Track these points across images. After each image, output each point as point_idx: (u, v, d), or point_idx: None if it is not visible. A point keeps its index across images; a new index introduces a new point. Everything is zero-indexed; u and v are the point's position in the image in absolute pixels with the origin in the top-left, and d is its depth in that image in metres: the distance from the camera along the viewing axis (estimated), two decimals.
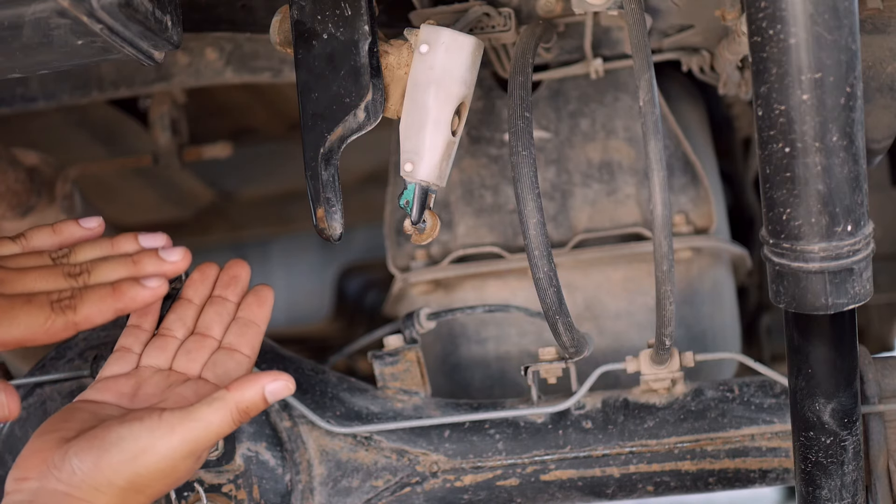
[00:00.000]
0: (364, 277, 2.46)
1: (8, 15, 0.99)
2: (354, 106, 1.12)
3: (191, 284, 1.20)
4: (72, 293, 1.03)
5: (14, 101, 1.64)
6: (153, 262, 1.08)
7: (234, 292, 1.20)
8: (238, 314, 1.20)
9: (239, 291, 1.21)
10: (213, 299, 1.20)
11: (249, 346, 1.18)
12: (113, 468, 1.03)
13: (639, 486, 1.34)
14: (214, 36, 1.62)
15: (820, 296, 0.98)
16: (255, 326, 1.19)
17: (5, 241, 1.10)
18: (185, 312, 1.19)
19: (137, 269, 1.07)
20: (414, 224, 1.17)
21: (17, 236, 1.11)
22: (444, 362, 1.59)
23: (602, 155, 1.53)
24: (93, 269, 1.07)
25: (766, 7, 0.89)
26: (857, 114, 0.91)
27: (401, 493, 1.36)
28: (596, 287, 1.54)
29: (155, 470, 1.05)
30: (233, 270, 1.21)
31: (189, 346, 1.17)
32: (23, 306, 1.02)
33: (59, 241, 1.12)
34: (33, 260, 1.08)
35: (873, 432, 1.24)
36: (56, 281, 1.05)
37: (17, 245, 1.10)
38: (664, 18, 1.35)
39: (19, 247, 1.10)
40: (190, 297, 1.20)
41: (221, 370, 1.16)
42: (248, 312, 1.20)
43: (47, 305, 1.02)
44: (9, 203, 1.71)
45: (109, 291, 1.04)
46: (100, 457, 1.03)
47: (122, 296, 1.04)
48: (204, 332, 1.18)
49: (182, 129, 1.84)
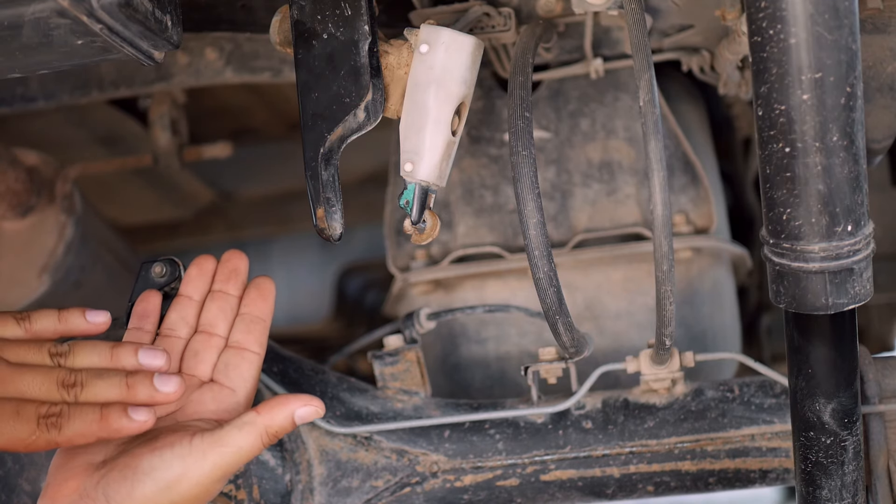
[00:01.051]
0: (364, 277, 2.46)
1: (8, 15, 0.99)
2: (354, 106, 1.12)
3: (189, 281, 1.19)
4: (60, 410, 1.03)
5: (14, 101, 1.64)
6: (146, 390, 1.06)
7: (235, 286, 1.19)
8: (242, 310, 1.19)
9: (239, 284, 1.20)
10: (214, 294, 1.19)
11: (258, 344, 1.17)
12: (147, 498, 1.03)
13: (639, 487, 1.34)
14: (214, 36, 1.62)
15: (820, 296, 0.98)
16: (262, 322, 1.18)
17: (9, 321, 1.10)
18: (187, 310, 1.18)
19: (130, 393, 1.06)
20: (414, 224, 1.17)
21: (21, 317, 1.10)
22: (444, 362, 1.59)
23: (602, 155, 1.53)
24: (87, 382, 1.06)
25: (766, 7, 0.89)
26: (857, 114, 0.91)
27: (401, 494, 1.36)
28: (596, 287, 1.54)
29: (189, 496, 1.05)
30: (231, 263, 1.20)
31: (196, 347, 1.16)
32: (10, 417, 1.02)
33: (62, 330, 1.11)
34: (32, 353, 1.07)
35: (873, 432, 1.24)
36: (49, 389, 1.05)
37: (21, 328, 1.10)
38: (664, 18, 1.35)
39: (22, 329, 1.10)
40: (189, 293, 1.19)
41: (235, 372, 1.15)
42: (252, 308, 1.19)
43: (34, 420, 1.02)
44: (9, 203, 1.71)
45: (97, 417, 1.04)
46: (133, 487, 1.03)
47: (107, 425, 1.04)
48: (209, 331, 1.17)
49: (182, 129, 1.84)
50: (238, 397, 1.15)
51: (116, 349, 1.09)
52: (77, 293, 1.81)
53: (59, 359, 1.08)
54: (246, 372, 1.16)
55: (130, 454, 1.05)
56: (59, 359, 1.08)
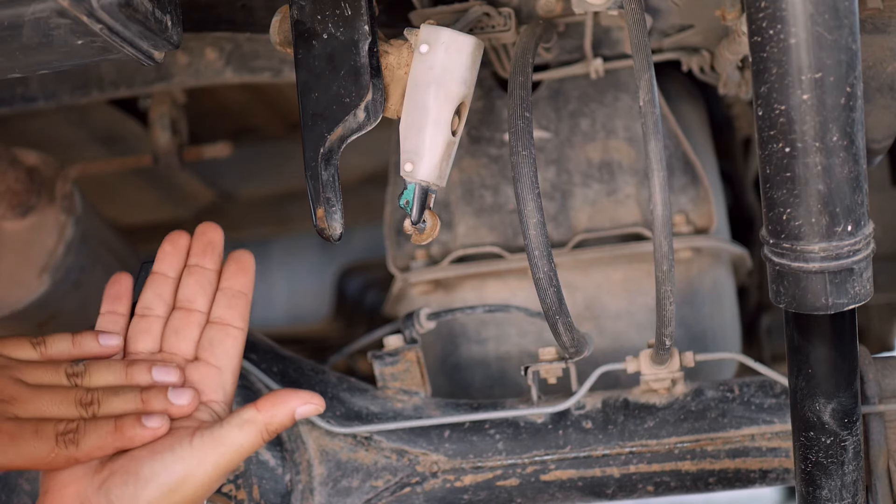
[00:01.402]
0: (364, 277, 2.46)
1: (8, 15, 0.99)
2: (354, 106, 1.12)
3: (163, 257, 1.16)
4: (77, 426, 1.05)
5: (14, 101, 1.64)
6: (161, 403, 1.09)
7: (212, 259, 1.17)
8: (222, 284, 1.16)
9: (216, 258, 1.17)
10: (191, 269, 1.16)
11: (241, 319, 1.15)
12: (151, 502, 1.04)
13: (639, 487, 1.34)
14: (214, 36, 1.62)
15: (820, 296, 0.98)
16: (243, 296, 1.16)
17: (25, 345, 1.11)
18: (162, 288, 1.16)
19: (145, 408, 1.08)
20: (414, 224, 1.17)
21: (37, 341, 1.12)
22: (444, 362, 1.59)
23: (602, 155, 1.53)
24: (103, 400, 1.08)
25: (766, 7, 0.89)
26: (857, 114, 0.91)
27: (401, 494, 1.35)
28: (596, 287, 1.54)
29: (192, 496, 1.06)
30: (206, 236, 1.18)
31: (176, 324, 1.15)
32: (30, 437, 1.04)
33: (77, 354, 1.13)
34: (49, 374, 1.09)
35: (873, 432, 1.24)
36: (67, 408, 1.07)
37: (36, 352, 1.11)
38: (664, 18, 1.35)
39: (38, 353, 1.11)
40: (164, 270, 1.16)
41: (220, 349, 1.14)
42: (233, 282, 1.16)
43: (52, 438, 1.04)
44: (9, 203, 1.71)
45: (111, 429, 1.06)
46: (137, 493, 1.04)
47: (122, 435, 1.05)
48: (187, 307, 1.15)
49: (182, 129, 1.84)
50: (224, 376, 1.14)
51: (131, 367, 1.11)
52: (77, 293, 1.81)
53: (76, 379, 1.10)
54: (231, 349, 1.14)
55: (130, 457, 1.06)
56: (75, 379, 1.10)
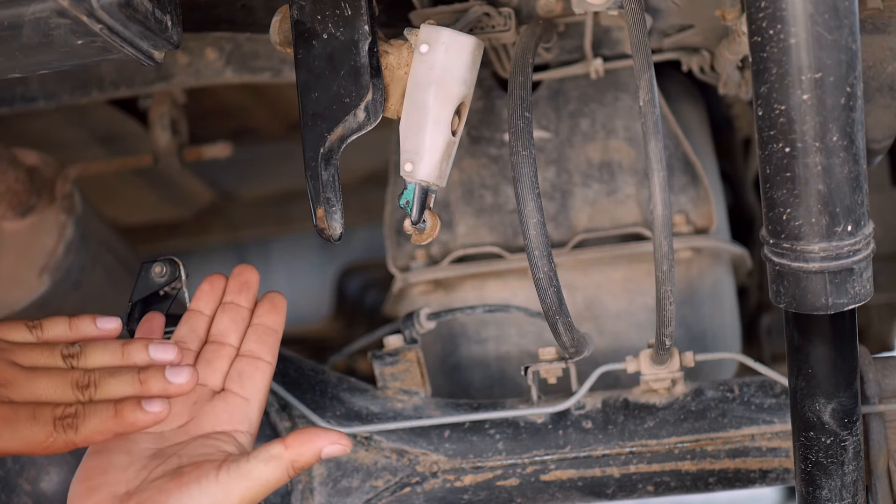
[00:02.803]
0: (364, 277, 2.46)
1: (8, 15, 0.99)
2: (354, 106, 1.12)
3: (201, 297, 1.19)
4: (76, 410, 1.04)
5: (14, 101, 1.64)
6: (159, 383, 1.07)
7: (246, 298, 1.19)
8: (254, 321, 1.18)
9: (251, 297, 1.19)
10: (226, 306, 1.19)
11: (271, 354, 1.17)
12: None
13: (639, 487, 1.34)
14: (214, 36, 1.62)
15: (820, 296, 0.98)
16: (274, 333, 1.18)
17: (21, 328, 1.10)
18: (197, 324, 1.18)
19: (143, 389, 1.07)
20: (414, 224, 1.17)
21: (33, 325, 1.11)
22: (444, 362, 1.59)
23: (602, 155, 1.53)
24: (100, 381, 1.07)
25: (766, 7, 0.89)
26: (857, 114, 0.91)
27: (401, 494, 1.35)
28: (596, 287, 1.54)
29: None
30: (243, 277, 1.20)
31: (207, 356, 1.16)
32: (27, 421, 1.03)
33: (73, 337, 1.12)
34: (45, 356, 1.08)
35: (873, 432, 1.24)
36: (63, 391, 1.06)
37: (32, 335, 1.11)
38: (664, 18, 1.35)
39: (34, 337, 1.11)
40: (200, 308, 1.19)
41: (248, 382, 1.15)
42: (265, 319, 1.18)
43: (51, 422, 1.03)
44: (9, 203, 1.72)
45: (111, 414, 1.05)
46: None
47: (122, 420, 1.05)
48: (220, 340, 1.17)
49: (182, 129, 1.84)
50: (251, 407, 1.14)
51: (127, 347, 1.10)
52: (77, 293, 1.81)
53: (72, 360, 1.09)
54: (259, 381, 1.15)
55: (157, 489, 1.05)
56: (71, 360, 1.09)
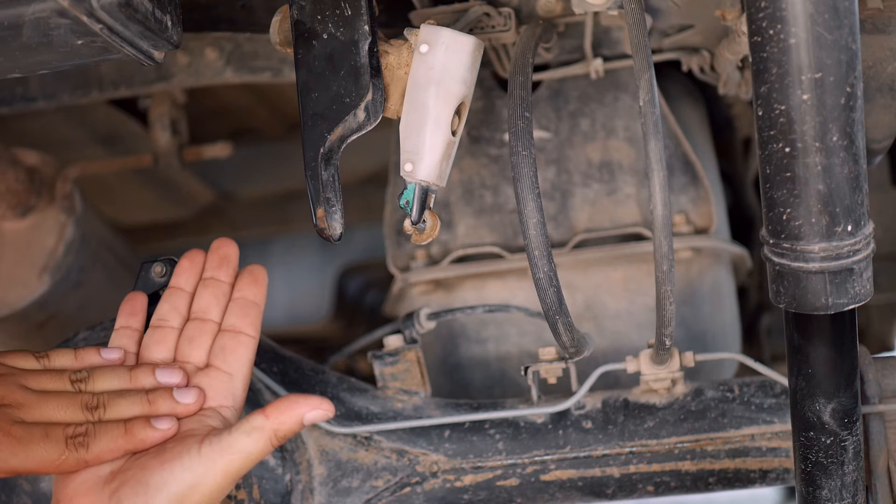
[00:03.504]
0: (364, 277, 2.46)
1: (8, 15, 0.99)
2: (354, 106, 1.12)
3: (180, 273, 1.19)
4: (86, 429, 1.06)
5: (14, 101, 1.64)
6: (167, 403, 1.10)
7: (226, 272, 1.19)
8: (235, 294, 1.18)
9: (231, 271, 1.19)
10: (206, 281, 1.19)
11: (253, 327, 1.17)
12: None
13: (639, 487, 1.34)
14: (214, 36, 1.62)
15: (820, 296, 0.98)
16: (256, 306, 1.18)
17: (29, 357, 1.12)
18: (178, 301, 1.18)
19: (152, 408, 1.10)
20: (414, 224, 1.17)
21: (40, 355, 1.13)
22: (444, 362, 1.59)
23: (602, 155, 1.53)
24: (109, 402, 1.09)
25: (766, 7, 0.89)
26: (857, 114, 0.91)
27: (401, 494, 1.36)
28: (596, 287, 1.54)
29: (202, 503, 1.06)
30: (221, 251, 1.19)
31: (190, 333, 1.16)
32: (40, 440, 1.05)
33: (79, 367, 1.14)
34: (53, 381, 1.10)
35: (873, 432, 1.24)
36: (73, 412, 1.08)
37: (40, 364, 1.12)
38: (664, 18, 1.35)
39: (41, 366, 1.12)
40: (181, 285, 1.18)
41: (231, 356, 1.15)
42: (246, 292, 1.18)
43: (62, 441, 1.05)
44: (9, 203, 1.72)
45: (122, 432, 1.07)
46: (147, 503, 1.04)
47: (132, 437, 1.07)
48: (202, 317, 1.17)
49: (182, 129, 1.84)
50: (235, 382, 1.14)
51: (135, 371, 1.13)
52: (77, 293, 1.81)
53: (80, 384, 1.11)
54: (242, 356, 1.15)
55: (140, 467, 1.06)
56: (79, 384, 1.11)
